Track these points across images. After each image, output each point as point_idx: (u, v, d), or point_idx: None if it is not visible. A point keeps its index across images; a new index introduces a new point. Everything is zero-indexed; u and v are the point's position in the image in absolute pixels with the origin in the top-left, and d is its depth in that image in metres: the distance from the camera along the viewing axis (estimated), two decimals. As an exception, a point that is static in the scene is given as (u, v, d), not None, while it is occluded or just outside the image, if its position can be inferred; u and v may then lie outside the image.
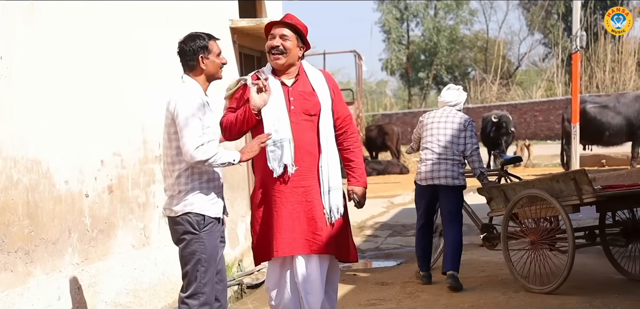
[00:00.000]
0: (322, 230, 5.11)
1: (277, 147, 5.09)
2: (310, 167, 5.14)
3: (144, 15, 7.52)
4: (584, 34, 18.82)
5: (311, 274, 5.10)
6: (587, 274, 7.86)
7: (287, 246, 5.09)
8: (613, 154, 20.89)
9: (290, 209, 5.09)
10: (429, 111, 8.31)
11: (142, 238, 7.22)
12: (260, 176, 5.26)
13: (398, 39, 54.30)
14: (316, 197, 5.15)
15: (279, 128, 5.10)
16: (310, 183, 5.14)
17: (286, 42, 5.22)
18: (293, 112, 5.14)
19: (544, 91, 39.81)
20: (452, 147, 7.82)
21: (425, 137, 8.03)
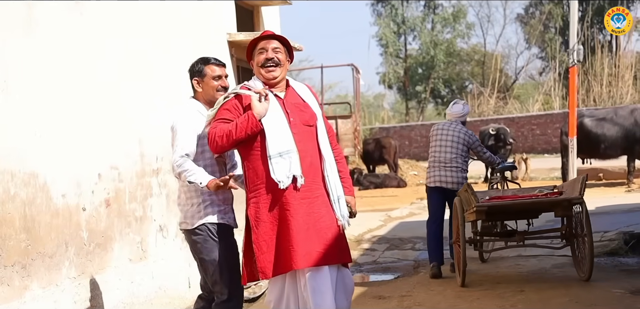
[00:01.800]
0: (331, 240, 5.05)
1: (284, 159, 4.97)
2: (314, 177, 5.08)
3: (142, 29, 7.52)
4: (581, 48, 18.80)
5: (322, 286, 4.98)
6: (585, 287, 7.85)
7: (303, 259, 4.93)
8: (610, 168, 20.89)
9: (301, 221, 4.96)
10: (437, 123, 9.50)
11: (139, 252, 7.21)
12: (260, 190, 5.06)
13: (395, 52, 54.35)
14: (323, 207, 5.08)
15: (282, 139, 5.00)
16: (316, 194, 5.07)
17: (279, 55, 5.19)
18: (293, 124, 5.07)
19: (541, 104, 39.86)
20: (455, 155, 9.00)
21: (432, 145, 9.23)
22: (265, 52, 5.17)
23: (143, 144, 7.38)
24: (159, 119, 7.70)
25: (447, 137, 9.09)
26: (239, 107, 5.08)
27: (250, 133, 4.97)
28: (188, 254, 8.03)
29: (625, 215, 12.41)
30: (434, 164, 9.11)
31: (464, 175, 9.05)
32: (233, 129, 4.96)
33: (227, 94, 5.19)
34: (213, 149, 5.04)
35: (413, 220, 14.69)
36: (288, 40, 5.28)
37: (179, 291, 7.84)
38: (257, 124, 4.96)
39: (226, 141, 4.98)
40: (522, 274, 8.88)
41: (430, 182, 9.17)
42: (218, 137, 4.98)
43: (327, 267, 5.01)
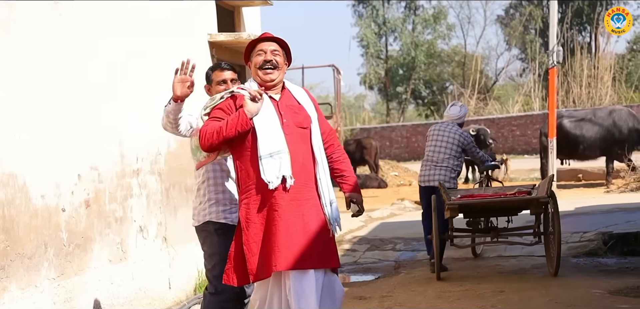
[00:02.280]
0: (319, 243, 5.01)
1: (274, 159, 4.95)
2: (306, 180, 5.04)
3: (122, 30, 7.49)
4: (560, 50, 18.97)
5: (306, 290, 4.93)
6: (565, 287, 7.89)
7: (285, 261, 4.90)
8: (589, 169, 21.02)
9: (288, 223, 4.93)
10: (435, 124, 9.93)
11: (119, 253, 7.18)
12: (250, 190, 5.03)
13: (376, 53, 54.40)
14: (313, 210, 5.04)
15: (274, 140, 4.99)
16: (306, 196, 5.03)
17: (277, 57, 5.15)
18: (286, 125, 5.03)
19: (521, 105, 40.02)
20: (448, 156, 9.37)
21: (427, 145, 9.61)
22: (264, 54, 5.13)
23: (123, 144, 7.35)
24: (139, 119, 7.67)
25: (443, 138, 9.46)
26: (233, 107, 5.07)
27: (241, 130, 4.95)
28: (168, 255, 8.03)
29: (604, 216, 12.49)
30: (427, 163, 9.50)
31: (454, 175, 9.43)
32: (224, 126, 4.96)
33: (222, 94, 5.19)
34: (203, 145, 5.02)
35: (394, 221, 14.71)
36: (287, 43, 5.24)
37: (159, 292, 7.82)
38: (248, 122, 4.95)
39: (216, 137, 4.96)
40: (503, 274, 8.93)
41: (422, 181, 9.57)
42: (209, 134, 4.97)
43: (313, 271, 4.97)
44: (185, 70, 5.28)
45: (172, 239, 8.16)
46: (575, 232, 11.01)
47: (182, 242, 8.37)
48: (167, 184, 8.15)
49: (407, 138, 39.26)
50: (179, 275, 8.26)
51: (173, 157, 8.30)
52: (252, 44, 5.24)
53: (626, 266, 9.03)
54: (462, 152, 9.51)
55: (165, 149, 8.16)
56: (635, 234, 10.12)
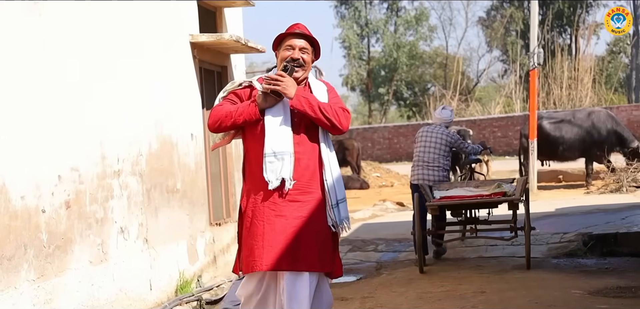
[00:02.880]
0: (315, 246, 4.96)
1: (277, 159, 4.92)
2: (309, 181, 5.01)
3: (103, 29, 7.47)
4: (541, 51, 19.07)
5: (299, 293, 4.89)
6: (545, 288, 7.93)
7: (275, 261, 4.88)
8: (569, 170, 21.13)
9: (284, 223, 4.91)
10: (424, 127, 10.54)
11: (100, 254, 7.15)
12: (252, 185, 5.05)
13: (358, 54, 54.48)
14: (314, 212, 5.00)
15: (280, 139, 4.96)
16: (308, 198, 4.99)
17: (305, 55, 5.10)
18: (296, 124, 5.01)
19: (502, 106, 40.20)
20: (437, 156, 10.05)
21: (417, 146, 10.25)
22: (292, 50, 5.08)
23: (104, 145, 7.32)
24: (120, 120, 7.65)
25: (432, 139, 10.14)
26: (249, 97, 5.09)
27: (248, 119, 4.97)
28: (149, 256, 8.00)
29: (584, 216, 12.56)
30: (418, 163, 10.16)
31: (444, 174, 10.15)
32: (234, 111, 4.99)
33: (242, 81, 5.18)
34: (210, 123, 5.05)
35: (376, 222, 14.73)
36: (317, 40, 5.18)
37: (140, 293, 7.79)
38: (256, 113, 4.95)
39: (226, 119, 5.00)
40: (484, 275, 8.96)
41: (413, 179, 10.22)
42: (219, 115, 5.01)
43: (308, 273, 4.93)
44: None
45: (153, 240, 8.14)
46: (555, 233, 11.07)
47: (163, 243, 8.35)
48: (149, 185, 8.13)
49: (389, 139, 39.31)
50: (160, 276, 8.23)
51: (154, 158, 8.28)
52: (282, 34, 5.17)
53: (606, 267, 9.08)
54: (450, 151, 10.24)
55: (147, 150, 8.14)
56: (614, 235, 10.19)
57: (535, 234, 10.95)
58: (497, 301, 7.53)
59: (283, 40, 5.13)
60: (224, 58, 10.47)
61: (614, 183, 17.62)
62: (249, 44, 10.08)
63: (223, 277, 9.24)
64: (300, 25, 5.20)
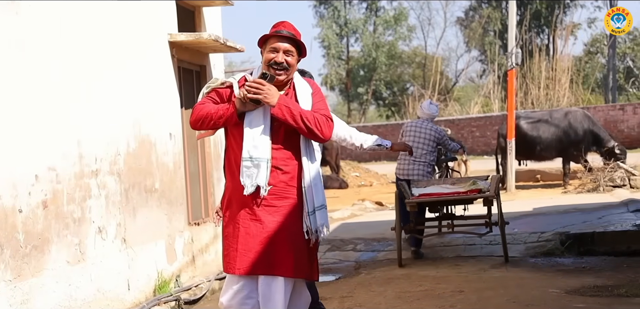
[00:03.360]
0: (291, 252, 4.93)
1: (253, 165, 4.90)
2: (286, 187, 4.98)
3: (81, 28, 7.43)
4: (519, 52, 19.20)
5: (274, 295, 4.90)
6: (523, 287, 7.97)
7: (250, 265, 4.88)
8: (547, 170, 21.26)
9: (260, 228, 4.90)
10: (409, 121, 10.83)
11: (77, 254, 7.11)
12: (232, 184, 5.05)
13: (338, 54, 54.53)
14: (290, 218, 4.98)
15: (258, 145, 4.92)
16: (284, 203, 4.97)
17: (289, 58, 5.03)
18: (275, 129, 4.97)
19: (480, 106, 40.36)
20: (425, 151, 10.23)
21: (403, 140, 10.24)
22: (276, 53, 5.00)
23: (82, 145, 7.28)
24: (98, 119, 7.61)
25: (419, 135, 10.30)
26: (229, 97, 5.07)
27: (226, 123, 4.99)
28: (127, 256, 7.97)
29: (561, 216, 12.64)
30: (405, 157, 10.31)
31: (430, 169, 10.35)
32: (214, 113, 4.99)
33: (225, 80, 5.16)
34: (191, 120, 5.07)
35: (354, 221, 14.74)
36: (303, 43, 5.11)
37: (118, 294, 7.76)
38: (234, 118, 4.95)
39: (206, 119, 5.01)
40: (462, 274, 8.99)
41: (400, 174, 10.37)
42: (201, 114, 5.02)
43: (283, 278, 4.93)
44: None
45: (131, 240, 8.11)
46: (533, 232, 11.14)
47: (141, 243, 8.32)
48: (127, 185, 8.09)
49: (367, 139, 39.29)
50: (138, 276, 8.20)
51: (132, 157, 8.25)
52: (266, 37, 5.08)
53: (582, 266, 9.14)
54: (436, 146, 10.38)
55: (125, 150, 8.11)
56: (591, 234, 10.25)
57: (513, 234, 11.03)
58: (475, 301, 7.56)
59: (268, 39, 5.07)
60: (202, 57, 10.44)
61: (591, 183, 17.74)
62: (227, 44, 10.06)
63: (202, 277, 9.21)
64: (286, 23, 5.13)
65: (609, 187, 17.17)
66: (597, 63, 48.83)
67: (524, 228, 11.62)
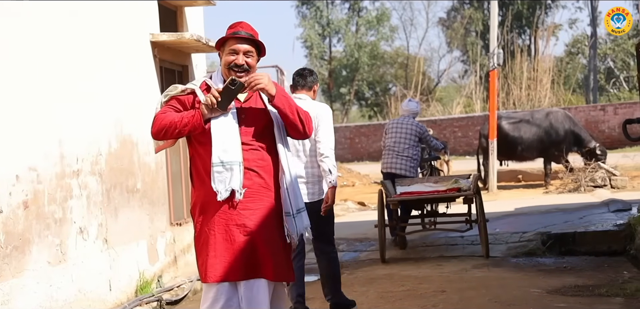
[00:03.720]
0: (269, 254, 4.83)
1: (226, 169, 4.76)
2: (258, 190, 4.85)
3: (62, 28, 7.39)
4: (501, 52, 19.25)
5: (257, 297, 4.80)
6: (504, 287, 8.00)
7: (230, 271, 4.78)
8: (529, 170, 21.34)
9: (237, 232, 4.79)
10: (392, 119, 11.61)
11: (59, 255, 7.08)
12: (202, 192, 4.89)
13: (320, 54, 54.50)
14: (267, 220, 4.86)
15: (228, 148, 4.78)
16: (259, 205, 4.85)
17: (249, 59, 4.89)
18: (244, 131, 4.84)
19: (462, 107, 40.45)
20: (407, 146, 10.74)
21: (388, 137, 10.94)
22: (236, 55, 4.88)
23: (63, 145, 7.25)
24: (79, 119, 7.58)
25: (401, 130, 10.84)
26: (192, 104, 4.91)
27: (192, 130, 4.82)
28: (109, 256, 7.94)
29: (543, 216, 12.69)
30: (389, 153, 10.88)
31: (414, 163, 10.86)
32: (179, 121, 4.81)
33: (185, 87, 4.98)
34: (153, 131, 4.87)
35: (337, 222, 14.61)
36: (262, 42, 4.99)
37: (100, 294, 7.73)
38: (201, 124, 4.78)
39: (170, 129, 4.82)
40: (444, 274, 9.01)
41: (385, 168, 10.96)
42: (162, 123, 4.83)
43: (265, 281, 4.83)
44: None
45: (112, 240, 8.08)
46: (515, 232, 11.18)
47: (123, 243, 8.29)
48: (108, 185, 8.06)
49: (350, 139, 39.35)
50: (120, 277, 8.17)
51: (114, 158, 8.22)
52: (226, 35, 4.96)
53: (564, 266, 9.19)
54: (419, 142, 10.92)
55: (106, 150, 8.07)
56: (572, 234, 10.31)
57: (495, 234, 11.08)
58: (457, 300, 7.58)
59: (226, 41, 4.95)
60: (184, 57, 10.42)
61: (572, 183, 17.83)
62: (209, 44, 10.04)
63: (184, 277, 9.19)
64: (244, 24, 4.99)
65: (590, 187, 17.27)
66: (578, 64, 49.07)
67: (505, 228, 11.66)
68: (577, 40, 50.72)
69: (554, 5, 50.30)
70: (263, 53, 5.04)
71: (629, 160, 20.43)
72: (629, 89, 42.64)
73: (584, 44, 49.72)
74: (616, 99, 41.60)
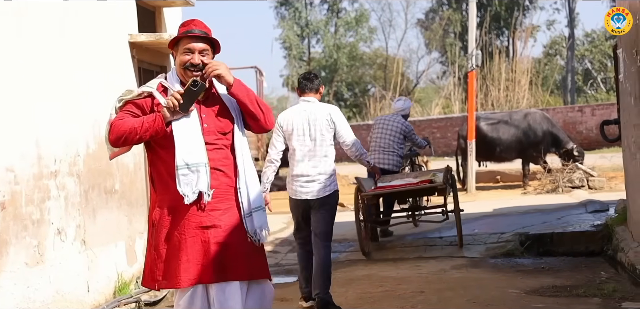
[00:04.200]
0: (241, 254, 4.76)
1: (191, 172, 4.67)
2: (226, 190, 4.79)
3: (39, 28, 7.35)
4: (479, 53, 19.33)
5: (230, 300, 4.73)
6: (483, 288, 8.04)
7: (199, 275, 4.69)
8: (507, 171, 21.42)
9: (206, 234, 4.70)
10: (381, 116, 12.18)
11: (36, 256, 7.04)
12: (166, 196, 4.78)
13: (299, 55, 54.48)
14: (232, 221, 4.79)
15: (193, 150, 4.69)
16: (227, 205, 4.78)
17: (205, 58, 4.80)
18: (206, 131, 4.76)
19: (441, 108, 40.57)
20: (392, 142, 11.22)
21: (374, 133, 11.42)
22: (191, 54, 4.78)
23: (40, 145, 7.20)
24: (57, 120, 7.54)
25: (387, 127, 11.32)
26: (149, 107, 4.80)
27: (154, 135, 4.70)
28: (87, 257, 7.90)
29: (521, 217, 12.75)
30: (375, 148, 11.31)
31: (398, 159, 11.34)
32: (138, 126, 4.68)
33: (141, 90, 4.86)
34: (111, 138, 4.72)
35: (316, 222, 14.71)
36: (217, 40, 4.90)
37: (77, 295, 7.69)
38: (162, 128, 4.68)
39: (131, 135, 4.69)
40: (422, 275, 9.04)
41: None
42: (121, 129, 4.69)
43: (238, 283, 4.76)
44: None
45: (91, 241, 8.04)
46: (493, 233, 11.23)
47: (101, 244, 8.25)
48: (86, 186, 8.02)
49: (329, 140, 39.31)
50: (98, 278, 8.13)
51: (92, 158, 8.18)
52: (179, 34, 4.85)
53: (542, 266, 9.24)
54: (404, 139, 11.37)
55: (84, 151, 8.03)
56: (550, 235, 10.37)
57: (474, 234, 11.12)
58: (435, 301, 7.60)
59: (180, 41, 4.84)
60: (163, 58, 10.39)
61: (550, 184, 17.92)
62: (188, 44, 10.00)
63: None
64: (197, 22, 4.88)
65: (567, 188, 17.37)
66: (556, 65, 49.34)
67: (484, 229, 11.71)
68: (554, 42, 51.01)
69: (532, 7, 50.58)
70: (218, 50, 4.95)
71: (606, 161, 20.56)
72: (606, 91, 42.97)
73: (562, 46, 50.01)
74: (594, 100, 41.87)
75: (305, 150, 7.58)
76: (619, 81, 9.19)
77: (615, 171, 18.97)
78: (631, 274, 7.78)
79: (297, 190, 7.63)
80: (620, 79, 9.00)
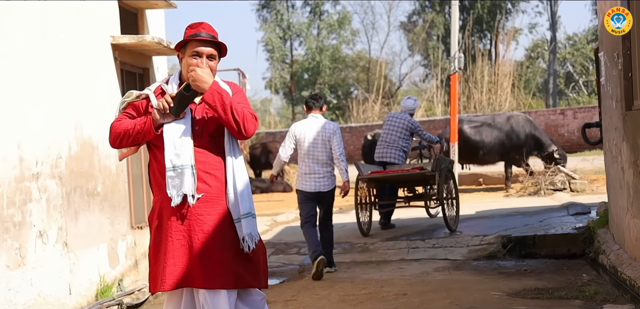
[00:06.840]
0: (229, 260, 4.71)
1: (177, 174, 4.67)
2: (217, 193, 4.75)
3: (21, 29, 7.31)
4: (462, 56, 19.35)
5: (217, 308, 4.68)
6: (465, 290, 8.05)
7: (182, 278, 4.67)
8: (490, 173, 21.47)
9: (192, 239, 4.68)
10: (391, 113, 13.41)
11: (18, 258, 7.00)
12: (160, 197, 4.82)
13: (281, 58, 54.47)
14: (224, 225, 4.75)
15: (180, 152, 4.69)
16: (217, 210, 4.75)
17: (212, 62, 4.81)
18: (197, 133, 4.75)
19: (424, 110, 40.67)
20: (398, 137, 12.27)
21: (383, 129, 12.56)
22: (199, 58, 4.78)
23: (22, 148, 7.17)
24: (39, 122, 7.50)
25: (394, 124, 12.35)
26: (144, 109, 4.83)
27: (144, 136, 4.74)
28: (69, 260, 7.86)
29: (504, 219, 12.79)
30: (381, 143, 12.41)
31: (402, 153, 12.30)
32: (131, 128, 4.73)
33: (141, 92, 4.90)
34: (111, 140, 4.81)
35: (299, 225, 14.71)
36: (225, 45, 4.91)
37: (59, 298, 7.65)
38: (151, 130, 4.70)
39: (125, 137, 4.76)
40: (405, 277, 9.05)
41: (377, 157, 12.49)
42: (119, 131, 4.76)
43: (225, 291, 4.69)
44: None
45: (73, 244, 8.00)
46: (475, 235, 11.25)
47: (83, 247, 8.21)
48: (69, 189, 7.99)
49: (312, 142, 39.33)
50: (80, 281, 8.10)
51: (74, 161, 8.14)
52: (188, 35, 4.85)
53: (524, 269, 9.27)
54: (411, 135, 12.37)
55: (66, 153, 8.00)
56: (532, 238, 10.41)
57: (456, 237, 11.15)
58: (418, 303, 7.61)
59: (188, 43, 4.85)
60: (145, 60, 10.36)
61: (533, 186, 17.98)
62: (171, 46, 9.99)
63: (145, 281, 9.13)
64: (205, 25, 4.89)
65: (549, 190, 17.43)
66: (538, 68, 49.60)
67: (466, 231, 11.74)
68: (537, 45, 51.28)
69: (515, 10, 50.81)
70: (224, 53, 4.96)
71: (588, 164, 20.67)
72: (588, 93, 43.23)
73: (544, 49, 50.28)
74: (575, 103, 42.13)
75: (313, 154, 9.40)
76: (600, 84, 9.24)
77: (597, 173, 19.08)
78: (612, 276, 7.82)
79: (308, 184, 9.42)
80: (601, 82, 9.05)
